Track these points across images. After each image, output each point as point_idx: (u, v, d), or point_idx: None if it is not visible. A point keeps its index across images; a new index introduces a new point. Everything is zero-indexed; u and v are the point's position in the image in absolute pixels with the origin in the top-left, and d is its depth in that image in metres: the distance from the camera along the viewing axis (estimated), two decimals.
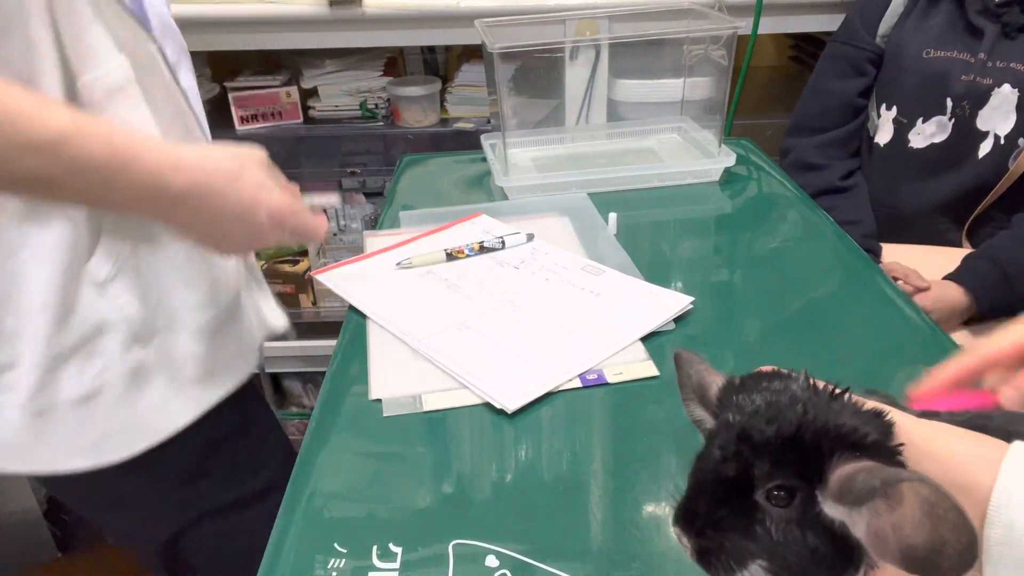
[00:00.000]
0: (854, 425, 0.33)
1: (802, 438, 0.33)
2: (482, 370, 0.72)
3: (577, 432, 0.67)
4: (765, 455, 0.34)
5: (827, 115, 1.37)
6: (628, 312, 0.81)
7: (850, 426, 0.33)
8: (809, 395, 0.35)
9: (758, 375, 0.37)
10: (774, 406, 0.34)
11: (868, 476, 0.31)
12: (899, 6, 1.30)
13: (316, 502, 0.61)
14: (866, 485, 0.31)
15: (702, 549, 0.35)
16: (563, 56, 1.41)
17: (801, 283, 0.91)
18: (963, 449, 0.33)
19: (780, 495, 0.33)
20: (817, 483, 0.33)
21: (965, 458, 0.32)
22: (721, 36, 1.14)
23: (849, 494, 0.32)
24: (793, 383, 0.35)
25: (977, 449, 0.33)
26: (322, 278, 0.92)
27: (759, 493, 0.34)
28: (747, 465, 0.34)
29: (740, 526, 0.34)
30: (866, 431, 0.33)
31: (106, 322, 0.65)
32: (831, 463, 0.33)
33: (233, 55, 1.78)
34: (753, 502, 0.34)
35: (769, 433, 0.34)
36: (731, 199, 1.13)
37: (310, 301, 1.87)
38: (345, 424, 0.69)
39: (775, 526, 0.33)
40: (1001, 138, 1.19)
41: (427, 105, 1.73)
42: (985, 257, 1.18)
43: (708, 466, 0.35)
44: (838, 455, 0.33)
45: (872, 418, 0.34)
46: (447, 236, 1.00)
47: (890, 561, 0.32)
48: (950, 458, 0.33)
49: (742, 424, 0.35)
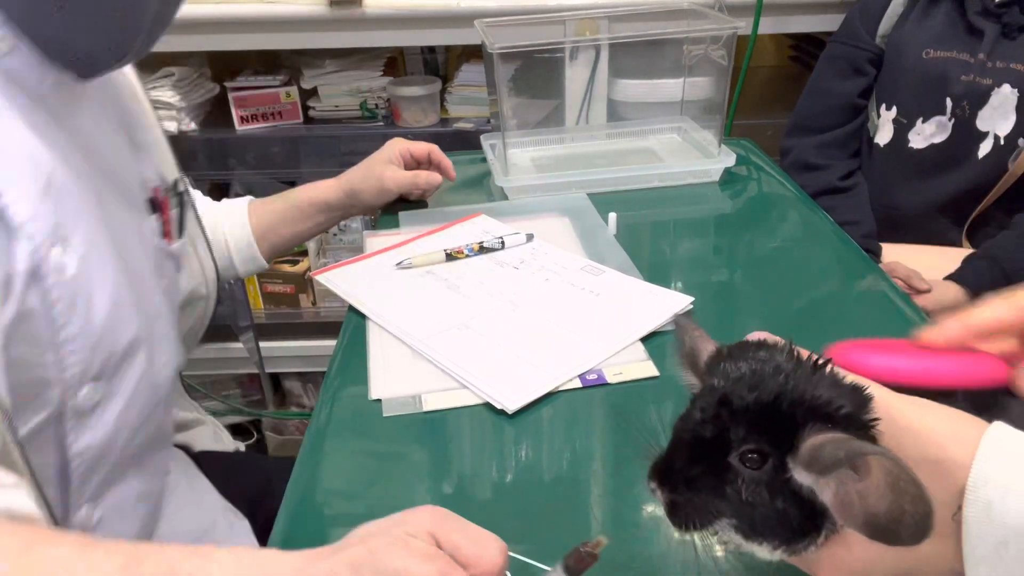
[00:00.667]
0: (829, 397, 0.34)
1: (778, 406, 0.35)
2: (482, 370, 0.72)
3: (577, 432, 0.67)
4: (742, 420, 0.35)
5: (827, 115, 1.38)
6: (628, 312, 0.81)
7: (825, 398, 0.34)
8: (792, 366, 0.36)
9: (745, 344, 0.39)
10: (757, 374, 0.36)
11: (835, 448, 0.33)
12: (899, 6, 1.30)
13: (316, 502, 0.61)
14: (832, 456, 0.33)
15: (673, 503, 0.37)
16: (563, 56, 1.41)
17: (801, 283, 0.91)
18: (940, 425, 0.34)
19: (753, 458, 0.35)
20: (789, 450, 0.35)
21: (942, 434, 0.33)
22: (721, 36, 1.14)
23: (817, 463, 0.33)
24: (778, 353, 0.37)
25: (954, 426, 0.34)
26: (322, 278, 0.92)
27: (733, 455, 0.35)
28: (724, 428, 0.36)
29: (712, 485, 0.36)
30: (840, 403, 0.34)
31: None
32: (803, 433, 0.34)
33: (233, 55, 1.78)
34: (727, 463, 0.36)
35: (748, 399, 0.35)
36: (731, 199, 1.13)
37: (310, 301, 1.87)
38: (345, 424, 0.69)
39: (745, 487, 0.35)
40: (1001, 138, 1.19)
41: (427, 105, 1.73)
42: (986, 257, 1.18)
43: (687, 426, 0.37)
44: (810, 425, 0.34)
45: (849, 391, 0.35)
46: (447, 236, 1.00)
47: (854, 526, 0.34)
48: (928, 433, 0.34)
49: (724, 389, 0.36)
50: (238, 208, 1.01)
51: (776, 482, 0.35)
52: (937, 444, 0.33)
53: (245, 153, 1.77)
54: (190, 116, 1.71)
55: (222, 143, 1.75)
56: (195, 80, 1.72)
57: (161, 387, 0.66)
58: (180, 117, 1.67)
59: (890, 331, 0.80)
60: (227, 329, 1.79)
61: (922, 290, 1.16)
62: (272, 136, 1.76)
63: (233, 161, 1.75)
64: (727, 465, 0.36)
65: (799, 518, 0.35)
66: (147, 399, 0.63)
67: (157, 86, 1.64)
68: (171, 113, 1.65)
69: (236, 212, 1.00)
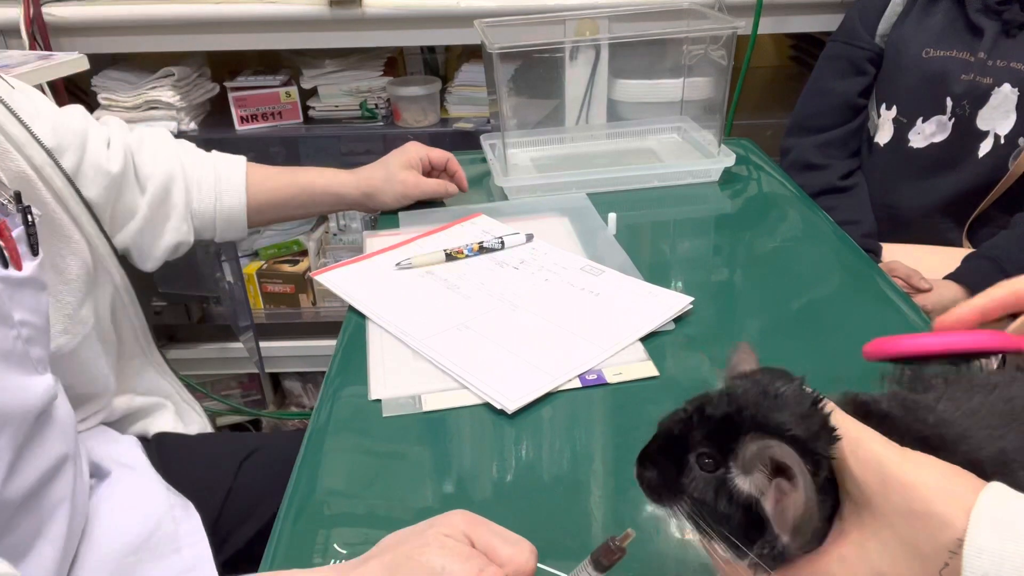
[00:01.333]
0: (782, 421, 0.37)
1: (736, 421, 0.38)
2: (482, 370, 0.72)
3: (577, 432, 0.67)
4: (705, 426, 0.39)
5: (827, 115, 1.37)
6: (628, 312, 0.81)
7: (777, 420, 0.37)
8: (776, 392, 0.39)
9: (767, 369, 0.42)
10: (739, 394, 0.39)
11: (752, 444, 0.37)
12: (898, 5, 1.30)
13: (316, 502, 0.61)
14: (750, 452, 0.37)
15: (641, 477, 0.42)
16: (563, 56, 1.41)
17: (801, 283, 0.91)
18: (931, 479, 0.34)
19: (707, 462, 0.39)
20: (734, 459, 0.38)
21: (931, 488, 0.34)
22: (721, 36, 1.14)
23: (741, 460, 0.38)
24: (783, 384, 0.39)
25: (944, 481, 0.34)
26: (322, 278, 0.92)
27: (692, 455, 0.40)
28: (690, 430, 0.40)
29: (671, 474, 0.40)
30: (789, 428, 0.37)
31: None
32: (743, 439, 0.38)
33: (233, 55, 1.78)
34: (686, 460, 0.40)
35: (716, 411, 0.39)
36: (731, 199, 1.13)
37: (310, 301, 1.87)
38: (345, 424, 0.69)
39: (695, 484, 0.39)
40: (1001, 138, 1.19)
41: (427, 105, 1.73)
42: (985, 257, 1.18)
43: (667, 420, 0.42)
44: (752, 435, 0.38)
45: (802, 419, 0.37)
46: (446, 236, 1.00)
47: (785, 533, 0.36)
48: (917, 486, 0.34)
49: (707, 398, 0.40)
50: (235, 171, 0.98)
51: (722, 487, 0.38)
52: (924, 498, 0.33)
53: (245, 153, 1.75)
54: (190, 116, 1.71)
55: (222, 143, 1.71)
56: (195, 80, 1.72)
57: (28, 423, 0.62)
58: (180, 117, 1.67)
59: (890, 331, 0.80)
60: (227, 329, 1.79)
61: (922, 289, 1.16)
62: (272, 136, 1.76)
63: None
64: (686, 461, 0.40)
65: (741, 525, 0.38)
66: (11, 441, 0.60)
67: (157, 86, 1.64)
68: (171, 113, 1.65)
69: (234, 176, 0.98)
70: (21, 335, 0.65)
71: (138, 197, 0.90)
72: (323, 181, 1.03)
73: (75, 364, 0.79)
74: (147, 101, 1.64)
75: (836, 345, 0.78)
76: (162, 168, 0.92)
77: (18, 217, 0.67)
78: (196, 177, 0.96)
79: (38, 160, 0.75)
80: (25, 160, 0.74)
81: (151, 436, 0.90)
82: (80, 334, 0.79)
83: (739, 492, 0.38)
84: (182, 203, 0.94)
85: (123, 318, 0.89)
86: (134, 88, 1.64)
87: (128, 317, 0.89)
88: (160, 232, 0.93)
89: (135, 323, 0.90)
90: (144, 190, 0.90)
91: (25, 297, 0.66)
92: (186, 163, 0.95)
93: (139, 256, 0.93)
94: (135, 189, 0.90)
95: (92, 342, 0.81)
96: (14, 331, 0.64)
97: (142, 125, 0.97)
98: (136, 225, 0.90)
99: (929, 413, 0.39)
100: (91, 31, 1.54)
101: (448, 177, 1.10)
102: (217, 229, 0.99)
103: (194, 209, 0.95)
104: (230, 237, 1.02)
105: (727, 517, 0.39)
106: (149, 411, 0.92)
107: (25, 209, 0.67)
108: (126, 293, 0.88)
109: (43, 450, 0.66)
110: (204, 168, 0.97)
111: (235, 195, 0.97)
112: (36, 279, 0.68)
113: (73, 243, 0.79)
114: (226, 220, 0.98)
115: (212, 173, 0.97)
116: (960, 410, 0.38)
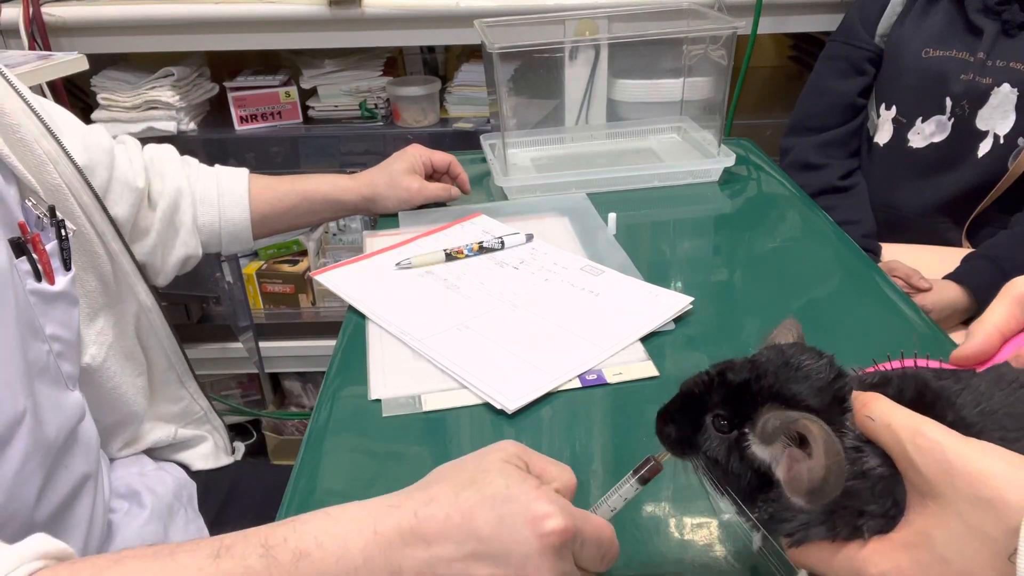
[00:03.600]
0: (798, 391, 0.39)
1: (753, 389, 0.40)
2: (482, 370, 0.72)
3: (577, 432, 0.67)
4: (722, 390, 0.42)
5: (827, 115, 1.37)
6: (628, 312, 0.81)
7: (794, 391, 0.39)
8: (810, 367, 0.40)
9: (796, 343, 0.43)
10: (767, 363, 0.41)
11: (775, 419, 0.38)
12: (898, 5, 1.30)
13: (316, 502, 0.61)
14: (772, 426, 0.38)
15: (661, 432, 0.45)
16: (563, 56, 1.41)
17: (801, 283, 0.91)
18: (996, 467, 0.34)
19: (722, 423, 0.41)
20: (750, 426, 0.40)
21: (997, 476, 0.34)
22: (721, 36, 1.14)
23: (763, 433, 0.39)
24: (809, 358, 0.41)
25: (1010, 469, 0.34)
26: (322, 278, 0.92)
27: (708, 415, 0.42)
28: (709, 391, 0.42)
29: (688, 431, 0.43)
30: (805, 400, 0.39)
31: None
32: (761, 410, 0.40)
33: (233, 55, 1.78)
34: (703, 420, 0.42)
35: (736, 377, 0.41)
36: (731, 199, 1.13)
37: (310, 301, 1.87)
38: (345, 424, 0.69)
39: (710, 443, 0.42)
40: (1000, 138, 1.19)
41: (427, 105, 1.73)
42: (985, 257, 1.18)
43: (690, 380, 0.44)
44: (769, 405, 0.39)
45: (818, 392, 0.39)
46: (446, 236, 1.00)
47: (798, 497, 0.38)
48: (982, 474, 0.34)
49: (731, 364, 0.42)
50: (238, 183, 0.99)
51: (736, 448, 0.41)
52: (991, 485, 0.34)
53: (244, 153, 1.77)
54: (189, 116, 1.71)
55: (221, 143, 1.75)
56: (194, 80, 1.72)
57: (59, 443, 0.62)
58: (179, 117, 1.67)
59: (890, 330, 0.80)
60: (227, 329, 1.79)
61: (922, 289, 1.16)
62: (271, 136, 1.76)
63: (232, 161, 1.73)
64: (703, 421, 0.42)
65: (749, 485, 0.41)
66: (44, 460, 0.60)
67: (156, 86, 1.64)
68: (170, 113, 1.65)
69: (236, 189, 0.98)
70: (53, 349, 0.65)
71: (151, 214, 0.90)
72: (324, 188, 1.03)
73: (101, 381, 0.77)
74: (147, 101, 1.64)
75: (836, 345, 0.77)
76: (171, 184, 0.92)
77: (52, 231, 0.67)
78: (200, 192, 0.96)
79: (69, 175, 0.74)
80: (59, 175, 0.72)
81: (194, 470, 0.89)
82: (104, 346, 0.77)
83: (752, 457, 0.40)
84: (190, 218, 0.94)
85: (151, 339, 0.86)
86: (133, 88, 1.64)
87: (158, 339, 0.86)
88: (171, 247, 0.93)
89: (165, 345, 0.87)
90: (155, 207, 0.91)
91: (57, 312, 0.66)
92: (192, 178, 0.96)
93: (152, 272, 0.92)
94: (149, 206, 0.91)
95: (116, 360, 0.79)
96: (46, 345, 0.64)
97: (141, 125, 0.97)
98: (151, 241, 0.90)
99: (948, 409, 0.38)
100: (90, 31, 1.53)
101: (450, 180, 1.10)
102: (223, 242, 0.99)
103: (200, 223, 0.96)
104: (235, 249, 1.02)
105: (737, 477, 0.41)
106: (190, 444, 0.92)
107: (59, 223, 0.67)
108: (156, 315, 0.85)
109: (68, 471, 0.66)
110: (207, 183, 0.97)
111: (238, 208, 0.98)
112: (68, 293, 0.67)
113: (96, 258, 0.77)
114: (231, 233, 0.99)
115: (215, 188, 0.97)
116: (979, 407, 0.38)
